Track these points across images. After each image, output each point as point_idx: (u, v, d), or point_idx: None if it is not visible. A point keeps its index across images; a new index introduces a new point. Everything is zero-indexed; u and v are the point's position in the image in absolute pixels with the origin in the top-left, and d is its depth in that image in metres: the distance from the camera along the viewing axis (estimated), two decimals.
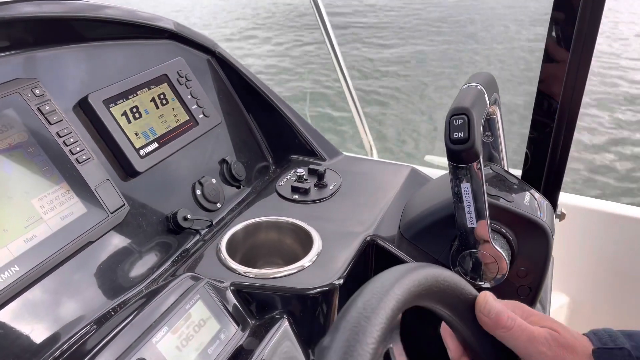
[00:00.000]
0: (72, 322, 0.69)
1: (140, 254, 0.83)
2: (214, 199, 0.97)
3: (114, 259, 0.78)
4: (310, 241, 0.85)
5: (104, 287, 0.75)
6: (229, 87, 1.12)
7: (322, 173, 1.01)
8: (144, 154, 0.87)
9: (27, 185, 0.70)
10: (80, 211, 0.74)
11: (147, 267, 0.82)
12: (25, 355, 0.63)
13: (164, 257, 0.85)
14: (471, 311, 0.51)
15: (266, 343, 0.72)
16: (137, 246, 0.82)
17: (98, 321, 0.71)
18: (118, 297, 0.76)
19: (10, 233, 0.66)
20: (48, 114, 0.75)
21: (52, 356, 0.64)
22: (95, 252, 0.76)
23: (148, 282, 0.80)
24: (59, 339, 0.67)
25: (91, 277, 0.75)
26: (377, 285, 0.42)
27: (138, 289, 0.79)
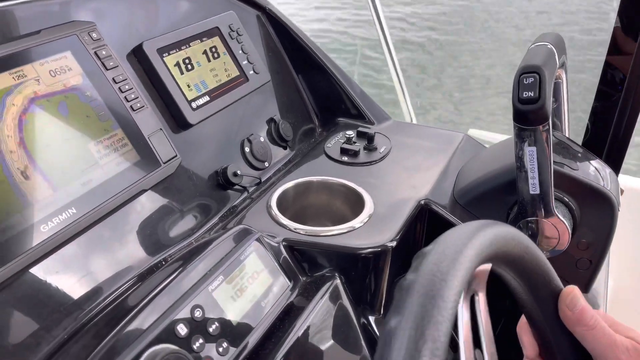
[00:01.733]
0: (125, 269, 0.69)
1: (190, 207, 0.82)
2: (262, 157, 0.95)
3: (165, 210, 0.78)
4: (362, 203, 0.83)
5: (155, 237, 0.74)
6: (278, 45, 1.09)
7: (372, 136, 0.98)
8: (196, 107, 0.85)
9: (84, 129, 0.70)
10: (134, 159, 0.74)
11: (196, 221, 0.81)
12: (80, 301, 0.63)
13: (212, 212, 0.84)
14: (553, 302, 0.49)
15: (317, 300, 0.70)
16: (187, 199, 0.81)
17: (150, 269, 0.71)
18: (169, 248, 0.75)
19: (68, 175, 0.66)
20: (104, 58, 0.74)
21: (107, 300, 0.64)
22: (147, 201, 0.75)
23: (197, 236, 0.80)
24: (114, 284, 0.67)
25: (143, 225, 0.74)
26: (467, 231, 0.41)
27: (188, 240, 0.78)
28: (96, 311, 0.63)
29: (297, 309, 0.69)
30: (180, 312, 0.58)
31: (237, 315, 0.63)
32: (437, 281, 0.38)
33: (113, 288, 0.66)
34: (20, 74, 0.65)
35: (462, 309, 0.43)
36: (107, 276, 0.67)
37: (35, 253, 0.60)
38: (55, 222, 0.63)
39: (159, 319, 0.56)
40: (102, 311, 0.62)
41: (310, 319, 0.68)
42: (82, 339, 0.57)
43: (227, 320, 0.61)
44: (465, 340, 0.42)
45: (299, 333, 0.66)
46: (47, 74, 0.68)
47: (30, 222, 0.61)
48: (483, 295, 0.46)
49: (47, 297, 0.61)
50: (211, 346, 0.58)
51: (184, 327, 0.57)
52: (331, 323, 0.71)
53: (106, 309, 0.63)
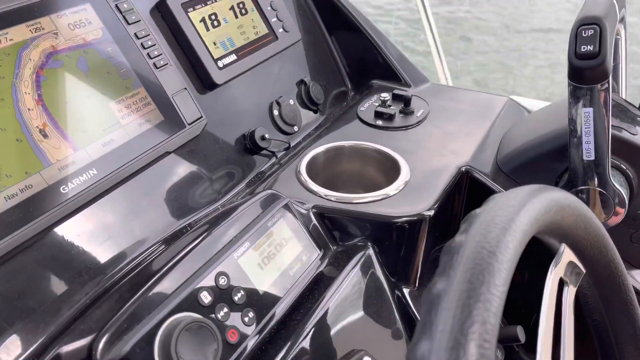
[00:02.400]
0: (148, 233, 0.66)
1: (215, 172, 0.78)
2: (291, 121, 0.90)
3: (190, 174, 0.74)
4: (397, 170, 0.78)
5: (179, 202, 0.71)
6: (309, 2, 1.03)
7: (408, 98, 0.92)
8: (222, 66, 0.81)
9: (104, 86, 0.66)
10: (158, 119, 0.70)
11: (222, 186, 0.78)
12: (101, 265, 0.61)
13: (238, 177, 0.80)
14: (613, 286, 0.44)
15: (348, 271, 0.66)
16: (212, 163, 0.78)
17: (174, 235, 0.68)
18: (193, 213, 0.72)
19: (89, 135, 0.63)
20: (126, 12, 0.70)
21: (130, 265, 0.62)
22: (171, 164, 0.72)
23: (223, 202, 0.76)
24: (136, 249, 0.64)
25: (167, 189, 0.71)
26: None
27: (214, 206, 0.74)
28: (118, 276, 0.60)
29: (327, 279, 0.65)
30: (204, 280, 0.54)
31: (263, 284, 0.59)
32: (486, 253, 0.34)
33: (136, 253, 0.63)
34: (37, 26, 0.62)
35: (548, 295, 0.39)
36: (129, 240, 0.64)
37: (54, 215, 0.57)
38: (76, 183, 0.60)
39: (182, 286, 0.53)
40: (125, 276, 0.59)
41: (341, 290, 0.64)
42: (103, 304, 0.55)
43: (253, 289, 0.58)
44: (545, 333, 0.38)
45: (328, 304, 0.62)
46: (65, 27, 0.64)
47: (50, 182, 0.58)
48: (574, 290, 0.41)
49: (68, 260, 0.59)
50: (236, 315, 0.55)
51: (208, 295, 0.54)
52: (363, 295, 0.67)
53: (129, 274, 0.60)
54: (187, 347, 0.48)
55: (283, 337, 0.57)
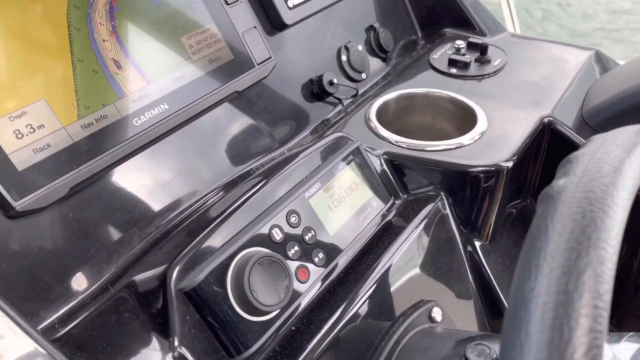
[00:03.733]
0: (217, 172, 0.65)
1: (282, 116, 0.76)
2: (360, 67, 0.87)
3: (257, 116, 0.73)
4: (473, 119, 0.73)
5: (245, 143, 0.70)
6: None
7: (485, 46, 0.86)
8: (292, 5, 0.78)
9: (176, 20, 0.65)
10: (228, 57, 0.68)
11: (288, 131, 0.76)
12: (171, 201, 0.60)
13: (304, 122, 0.78)
14: None
15: (420, 220, 0.63)
16: (279, 106, 0.76)
17: (242, 176, 0.67)
18: (259, 156, 0.71)
19: (160, 68, 0.62)
20: None
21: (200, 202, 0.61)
22: (239, 104, 0.71)
23: (289, 146, 0.74)
24: (206, 187, 0.63)
25: (233, 130, 0.70)
26: None
27: (280, 150, 0.73)
28: (189, 212, 0.60)
29: (396, 227, 0.63)
30: (276, 217, 0.53)
31: (333, 226, 0.58)
32: (597, 198, 0.29)
33: (205, 191, 0.63)
34: None
35: None
36: (198, 178, 0.63)
37: (127, 147, 0.57)
38: (148, 116, 0.60)
39: (254, 221, 0.52)
40: (196, 212, 0.59)
41: (411, 239, 0.62)
42: (175, 237, 0.55)
43: (324, 230, 0.56)
44: None
45: (398, 253, 0.60)
46: None
47: (124, 114, 0.58)
48: None
49: (139, 193, 0.59)
50: (307, 255, 0.54)
51: (279, 232, 0.53)
52: (433, 245, 0.64)
53: (199, 209, 0.60)
54: (259, 281, 0.47)
55: (352, 280, 0.56)
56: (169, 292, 0.46)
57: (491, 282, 0.67)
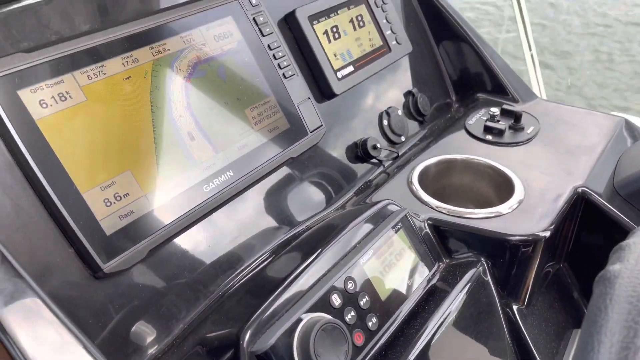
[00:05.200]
0: (274, 233, 0.71)
1: (329, 178, 0.82)
2: (399, 131, 0.93)
3: (307, 179, 0.78)
4: (510, 187, 0.78)
5: (299, 203, 0.75)
6: (419, 14, 1.05)
7: (519, 115, 0.91)
8: (341, 77, 0.84)
9: (240, 93, 0.71)
10: (285, 126, 0.74)
11: (334, 192, 0.81)
12: (237, 261, 0.66)
13: (349, 184, 0.84)
14: None
15: (462, 285, 0.68)
16: (326, 169, 0.82)
17: (294, 236, 0.72)
18: (310, 215, 0.76)
19: (227, 139, 0.68)
20: (262, 25, 0.75)
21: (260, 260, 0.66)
22: (292, 168, 0.76)
23: (336, 207, 0.80)
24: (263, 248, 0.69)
25: (288, 192, 0.75)
26: None
27: (327, 210, 0.78)
28: (250, 271, 0.65)
29: (441, 292, 0.67)
30: (335, 283, 0.58)
31: (385, 291, 0.62)
32: None
33: (264, 250, 0.68)
34: (189, 37, 0.67)
35: None
36: (257, 238, 0.69)
37: (197, 212, 0.63)
38: (216, 183, 0.65)
39: (316, 286, 0.57)
40: (256, 271, 0.64)
41: (455, 303, 0.66)
42: (242, 300, 0.59)
43: (377, 295, 0.61)
44: None
45: (443, 316, 0.64)
46: (211, 39, 0.70)
47: (196, 182, 0.63)
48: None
49: (203, 254, 0.64)
50: (362, 319, 0.58)
51: (338, 298, 0.57)
52: (475, 310, 0.68)
53: (260, 269, 0.65)
54: (323, 346, 0.51)
55: (402, 344, 0.60)
56: (242, 354, 0.51)
57: (528, 345, 0.71)
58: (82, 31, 0.59)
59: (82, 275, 0.54)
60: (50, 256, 0.53)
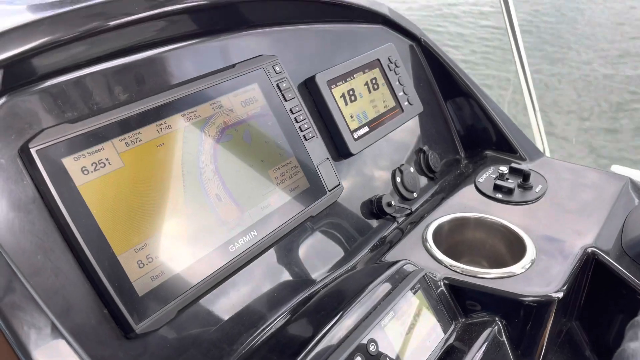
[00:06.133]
0: (293, 290, 0.73)
1: (346, 235, 0.84)
2: (412, 188, 0.96)
3: (326, 236, 0.81)
4: (522, 247, 0.80)
5: (317, 260, 0.78)
6: (429, 74, 1.10)
7: (527, 174, 0.95)
8: (357, 137, 0.88)
9: (264, 156, 0.74)
10: (305, 186, 0.77)
11: (351, 249, 0.84)
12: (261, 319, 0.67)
13: (364, 241, 0.86)
14: None
15: (479, 345, 0.69)
16: (343, 226, 0.84)
17: (314, 294, 0.74)
18: (330, 272, 0.78)
19: (252, 199, 0.71)
20: (285, 90, 0.79)
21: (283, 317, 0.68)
22: (311, 227, 0.79)
23: (352, 264, 0.82)
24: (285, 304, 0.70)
25: (307, 250, 0.78)
26: None
27: (346, 266, 0.80)
28: (272, 329, 0.67)
29: (458, 351, 0.68)
30: (358, 345, 0.59)
31: (405, 352, 0.64)
32: None
33: (285, 308, 0.70)
34: (218, 104, 0.71)
35: None
36: (278, 296, 0.71)
37: (223, 272, 0.65)
38: (241, 242, 0.68)
39: (339, 349, 0.59)
40: (281, 333, 0.66)
41: None
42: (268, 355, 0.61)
43: (397, 355, 0.62)
44: None
45: None
46: (238, 105, 0.73)
47: (223, 242, 0.66)
48: None
49: (227, 312, 0.66)
50: None
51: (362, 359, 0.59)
52: None
53: (282, 328, 0.66)
54: None
55: None
56: None
57: None
58: (121, 100, 0.63)
59: (115, 336, 0.56)
60: (86, 317, 0.54)
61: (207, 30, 0.74)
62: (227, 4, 0.74)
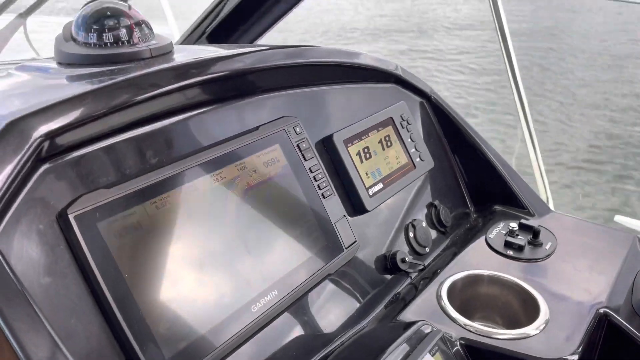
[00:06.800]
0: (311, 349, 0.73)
1: (360, 290, 0.85)
2: (424, 242, 0.98)
3: (343, 293, 0.82)
4: (535, 307, 0.82)
5: (334, 318, 0.79)
6: (439, 130, 1.13)
7: (537, 231, 0.97)
8: (372, 194, 0.90)
9: (285, 215, 0.76)
10: (322, 243, 0.79)
11: (366, 306, 0.85)
12: None
13: (379, 298, 0.87)
14: None
15: None
16: (358, 281, 0.86)
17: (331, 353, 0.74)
18: (346, 331, 0.79)
19: (273, 258, 0.72)
20: (304, 150, 0.82)
21: None
22: (329, 284, 0.80)
23: (369, 320, 0.83)
24: None
25: (324, 307, 0.79)
26: None
27: (361, 324, 0.81)
28: None
29: None
30: None
31: None
32: None
33: None
34: (242, 165, 0.74)
35: None
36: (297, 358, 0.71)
37: (246, 332, 0.66)
38: (262, 302, 0.69)
39: None
40: None
41: None
42: None
43: None
44: None
45: None
46: (261, 165, 0.76)
47: (244, 301, 0.67)
48: None
49: None
50: None
51: None
52: None
53: None
54: None
55: None
56: None
57: None
58: (152, 164, 0.65)
59: None
60: None
61: (231, 95, 0.78)
62: (250, 71, 0.78)
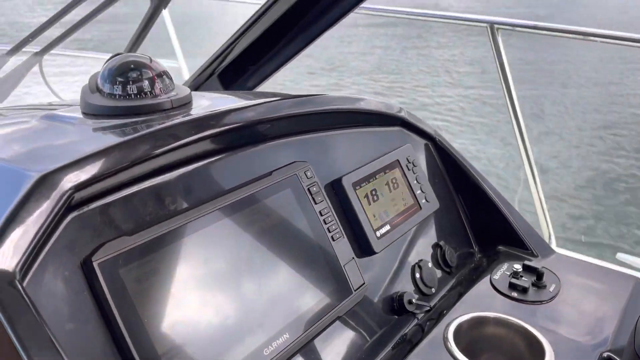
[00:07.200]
0: None
1: (368, 331, 0.87)
2: (431, 283, 0.99)
3: (348, 333, 0.84)
4: (540, 349, 0.83)
5: None
6: (443, 171, 1.16)
7: (541, 273, 0.99)
8: (380, 236, 0.93)
9: (296, 256, 0.79)
10: (332, 286, 0.81)
11: (374, 346, 0.86)
12: None
13: (386, 339, 0.89)
14: None
15: None
16: (366, 322, 0.87)
17: None
18: None
19: (284, 301, 0.74)
20: (315, 194, 0.85)
21: None
22: (339, 326, 0.82)
23: None
24: None
25: (332, 349, 0.80)
26: None
27: None
28: None
29: None
30: None
31: None
32: None
33: None
34: (256, 209, 0.76)
35: None
36: None
37: None
38: (274, 345, 0.71)
39: None
40: None
41: None
42: None
43: None
44: None
45: None
46: (274, 210, 0.79)
47: (257, 344, 0.69)
48: None
49: None
50: None
51: None
52: None
53: None
54: None
55: None
56: None
57: None
58: (170, 210, 0.68)
59: None
60: None
61: (246, 142, 0.81)
62: (263, 120, 0.81)
